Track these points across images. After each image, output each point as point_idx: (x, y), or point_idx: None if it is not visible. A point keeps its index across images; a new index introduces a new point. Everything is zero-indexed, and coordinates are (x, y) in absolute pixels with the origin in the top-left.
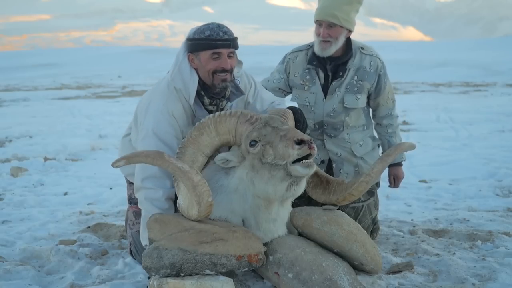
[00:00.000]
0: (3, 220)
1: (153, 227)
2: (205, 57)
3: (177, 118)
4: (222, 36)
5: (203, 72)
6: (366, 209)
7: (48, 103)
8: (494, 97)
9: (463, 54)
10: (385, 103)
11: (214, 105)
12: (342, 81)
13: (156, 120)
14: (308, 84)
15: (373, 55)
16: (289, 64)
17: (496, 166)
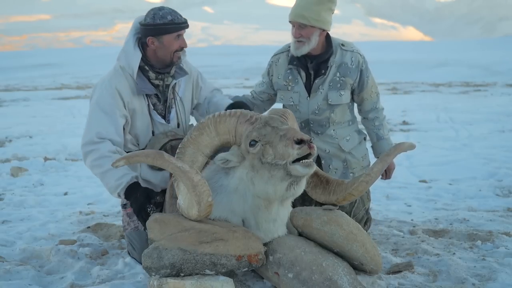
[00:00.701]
0: (3, 220)
1: (153, 227)
2: (170, 39)
3: (121, 91)
4: (182, 19)
5: (164, 52)
6: (359, 201)
7: (48, 103)
8: (494, 97)
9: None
10: (369, 97)
11: (160, 79)
12: (324, 79)
13: (100, 93)
14: (291, 84)
15: (353, 51)
16: (272, 67)
17: (496, 166)
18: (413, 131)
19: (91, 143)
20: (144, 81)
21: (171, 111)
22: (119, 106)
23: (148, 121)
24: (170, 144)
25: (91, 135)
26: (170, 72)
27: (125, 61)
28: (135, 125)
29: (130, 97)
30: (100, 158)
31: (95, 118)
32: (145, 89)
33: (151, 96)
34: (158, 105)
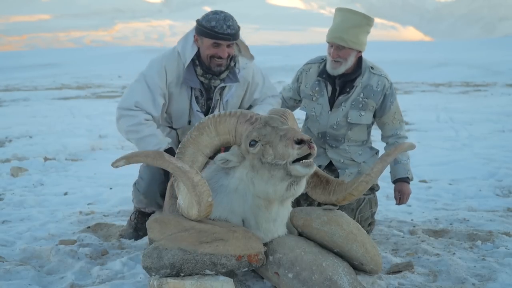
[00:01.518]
0: (3, 220)
1: (153, 227)
2: (207, 44)
3: (168, 72)
4: (225, 30)
5: (203, 53)
6: (367, 202)
7: (48, 103)
8: (494, 97)
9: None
10: (390, 123)
11: (206, 78)
12: (348, 97)
13: (150, 67)
14: (316, 95)
15: (381, 75)
16: (302, 75)
17: (496, 166)
18: (413, 131)
19: (128, 109)
20: (192, 74)
21: (214, 111)
22: (162, 84)
23: (186, 108)
24: None
25: (130, 102)
26: (220, 76)
27: (181, 49)
28: (171, 107)
29: (174, 81)
30: (138, 124)
31: (137, 88)
32: (189, 81)
33: (195, 90)
34: (200, 99)
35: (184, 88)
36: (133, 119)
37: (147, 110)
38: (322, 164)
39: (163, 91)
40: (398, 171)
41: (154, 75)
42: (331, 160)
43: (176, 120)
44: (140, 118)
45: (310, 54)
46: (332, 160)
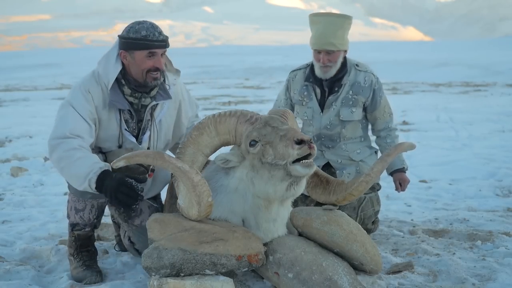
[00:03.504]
0: (3, 220)
1: (153, 227)
2: (141, 57)
3: (93, 96)
4: (158, 36)
5: (135, 70)
6: (368, 200)
7: (48, 103)
8: (494, 97)
9: (463, 54)
10: (381, 117)
11: (136, 98)
12: (337, 96)
13: (74, 94)
14: (305, 99)
15: (367, 71)
16: (290, 83)
17: (496, 166)
18: (413, 131)
19: (63, 137)
20: (118, 95)
21: (145, 133)
22: (91, 109)
23: (115, 133)
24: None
25: (64, 130)
26: (150, 93)
27: (102, 70)
28: (100, 133)
29: (100, 106)
30: (71, 149)
31: (67, 116)
32: (117, 103)
33: (124, 112)
34: (130, 122)
35: (113, 111)
36: (66, 145)
37: (83, 136)
38: (319, 164)
39: (93, 116)
40: (393, 163)
41: (80, 99)
42: (328, 161)
43: (104, 143)
44: (74, 144)
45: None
46: (330, 161)
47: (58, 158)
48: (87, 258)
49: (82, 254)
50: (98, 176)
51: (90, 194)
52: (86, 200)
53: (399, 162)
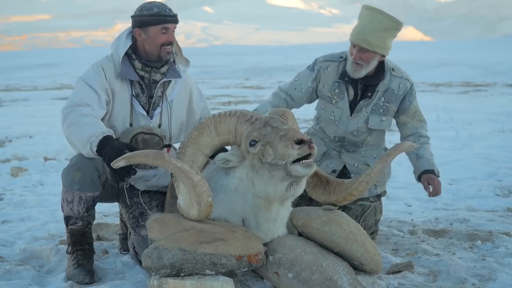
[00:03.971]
0: (3, 220)
1: (153, 227)
2: (155, 32)
3: (106, 70)
4: (169, 12)
5: (150, 45)
6: (372, 209)
7: (48, 103)
8: (494, 97)
9: (463, 54)
10: (411, 121)
11: (146, 72)
12: (369, 102)
13: (87, 71)
14: (336, 98)
15: (402, 77)
16: (320, 73)
17: (496, 166)
18: None
19: (74, 105)
20: (129, 67)
21: (156, 109)
22: (102, 80)
23: (127, 110)
24: (143, 136)
25: (74, 99)
26: (161, 69)
27: (114, 48)
28: (113, 110)
29: (112, 77)
30: (80, 116)
31: (79, 89)
32: (126, 73)
33: (135, 86)
34: (141, 96)
35: (125, 83)
36: (76, 112)
37: (92, 106)
38: (336, 168)
39: (104, 86)
40: (422, 164)
41: (91, 74)
42: (345, 164)
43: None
44: (83, 111)
45: (310, 54)
46: (346, 164)
47: (68, 124)
48: (81, 257)
49: (77, 252)
50: (100, 141)
51: (77, 185)
52: (73, 191)
53: (427, 163)
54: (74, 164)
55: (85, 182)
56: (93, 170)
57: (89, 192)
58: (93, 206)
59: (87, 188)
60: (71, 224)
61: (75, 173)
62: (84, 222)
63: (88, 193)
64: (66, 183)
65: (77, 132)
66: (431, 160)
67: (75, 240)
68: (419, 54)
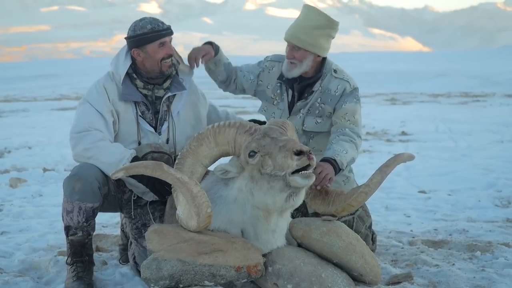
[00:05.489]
0: (2, 231)
1: (152, 238)
2: (153, 48)
3: (108, 90)
4: (163, 26)
5: (151, 62)
6: (357, 220)
7: (47, 113)
8: (493, 107)
9: (462, 64)
10: (339, 121)
11: (149, 89)
12: (306, 103)
13: (90, 92)
14: (277, 99)
15: (343, 79)
16: (264, 72)
17: (495, 177)
18: (412, 142)
19: (83, 131)
20: (130, 88)
21: (164, 124)
22: (106, 102)
23: (134, 128)
24: (152, 155)
25: (83, 125)
26: (163, 85)
27: (114, 68)
28: (119, 130)
29: (115, 99)
30: (96, 141)
31: (85, 111)
32: (129, 95)
33: (139, 104)
34: (147, 113)
35: (129, 104)
36: (91, 137)
37: (102, 131)
38: None
39: (109, 108)
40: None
41: (95, 96)
42: None
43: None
44: (98, 136)
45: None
46: None
47: (84, 149)
48: (81, 269)
49: (76, 264)
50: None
51: (77, 196)
52: (73, 201)
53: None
54: (75, 174)
55: (85, 193)
56: (93, 181)
57: (89, 203)
58: (93, 217)
59: (87, 198)
60: (71, 235)
61: (75, 183)
62: (84, 233)
63: (88, 203)
64: (66, 193)
65: (100, 156)
66: (339, 152)
67: (74, 251)
68: (418, 64)
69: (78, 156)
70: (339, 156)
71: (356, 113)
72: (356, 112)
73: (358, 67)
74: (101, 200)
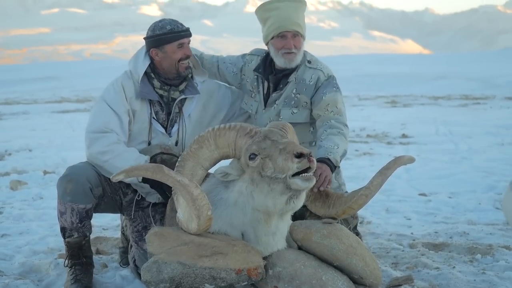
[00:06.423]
0: (2, 234)
1: (152, 240)
2: (172, 49)
3: (126, 89)
4: (182, 27)
5: (168, 62)
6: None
7: (47, 116)
8: (493, 110)
9: (462, 67)
10: (323, 114)
11: (165, 90)
12: (281, 94)
13: (107, 90)
14: (254, 91)
15: (316, 68)
16: (245, 66)
17: (496, 179)
18: (412, 144)
19: (99, 131)
20: (148, 87)
21: (174, 126)
22: (123, 101)
23: (146, 128)
24: (161, 156)
25: (99, 124)
26: (179, 87)
27: (133, 66)
28: (132, 129)
29: (133, 97)
30: (112, 144)
31: (102, 110)
32: (146, 93)
33: (154, 104)
34: (160, 114)
35: (144, 102)
36: (107, 140)
37: (117, 131)
38: None
39: (126, 108)
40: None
41: (112, 94)
42: None
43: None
44: (113, 138)
45: None
46: None
47: (99, 152)
48: (79, 272)
49: (75, 267)
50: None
51: (69, 197)
52: (65, 203)
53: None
54: (67, 175)
55: (77, 194)
56: (85, 182)
57: (81, 204)
58: (87, 218)
59: (79, 200)
60: (68, 237)
61: (67, 184)
62: (80, 234)
63: (80, 205)
64: (59, 194)
65: (115, 161)
66: (331, 149)
67: (72, 253)
68: (418, 67)
69: (92, 158)
70: (332, 153)
71: (338, 102)
72: (338, 101)
73: (358, 69)
74: (94, 201)
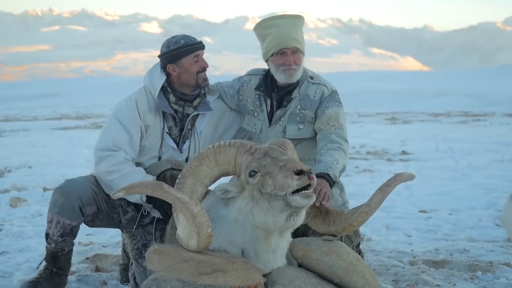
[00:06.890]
0: (2, 251)
1: (152, 258)
2: (188, 62)
3: (139, 104)
4: (195, 40)
5: (187, 76)
6: (345, 239)
7: (47, 133)
8: (493, 126)
9: (461, 83)
10: (324, 128)
11: (180, 106)
12: (286, 110)
13: (119, 106)
14: (257, 110)
15: (320, 83)
16: (243, 87)
17: (496, 196)
18: (412, 161)
19: (107, 149)
20: (164, 101)
21: (185, 142)
22: (135, 118)
23: (157, 143)
24: (171, 172)
25: (107, 141)
26: (193, 103)
27: (148, 81)
28: (144, 144)
29: (146, 112)
30: (119, 163)
31: (112, 127)
32: (163, 107)
33: (168, 119)
34: (173, 129)
35: (158, 117)
36: (113, 159)
37: (125, 149)
38: None
39: (138, 124)
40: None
41: (125, 110)
42: None
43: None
44: (120, 157)
45: None
46: None
47: (106, 171)
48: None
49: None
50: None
51: (57, 209)
52: (53, 214)
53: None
54: (61, 188)
55: (65, 209)
56: (75, 199)
57: (67, 219)
58: (70, 234)
59: (65, 214)
60: (48, 243)
61: (59, 196)
62: (58, 246)
63: (65, 219)
64: (50, 203)
65: (120, 182)
66: (330, 165)
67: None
68: (418, 84)
69: (99, 176)
70: (331, 169)
71: (339, 117)
72: (340, 116)
73: (358, 86)
74: (80, 219)
